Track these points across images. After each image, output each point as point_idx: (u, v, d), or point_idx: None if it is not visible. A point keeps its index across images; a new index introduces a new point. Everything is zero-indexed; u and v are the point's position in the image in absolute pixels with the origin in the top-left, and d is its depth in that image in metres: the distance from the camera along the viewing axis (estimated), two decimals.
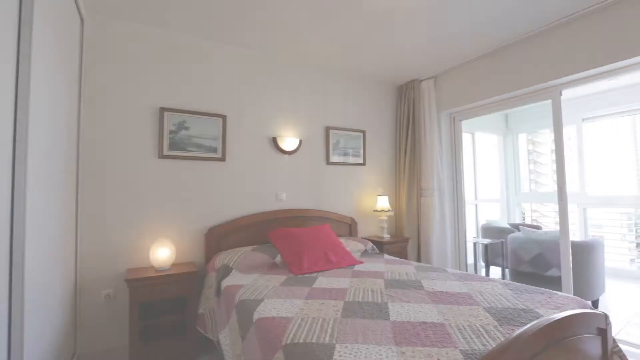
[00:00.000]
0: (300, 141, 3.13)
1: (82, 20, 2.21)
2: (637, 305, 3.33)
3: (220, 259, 2.38)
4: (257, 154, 2.95)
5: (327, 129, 3.35)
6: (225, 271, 2.27)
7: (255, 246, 2.63)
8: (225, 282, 2.15)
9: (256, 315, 1.59)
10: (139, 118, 2.45)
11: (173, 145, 2.54)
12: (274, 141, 3.01)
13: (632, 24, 2.20)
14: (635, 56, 2.19)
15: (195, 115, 2.63)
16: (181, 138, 2.57)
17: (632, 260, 4.42)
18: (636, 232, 4.46)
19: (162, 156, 2.49)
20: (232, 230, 2.73)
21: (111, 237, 2.33)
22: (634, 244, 4.46)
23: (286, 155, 3.10)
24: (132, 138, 2.42)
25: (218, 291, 2.17)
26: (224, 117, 2.75)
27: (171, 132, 2.53)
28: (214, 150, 2.71)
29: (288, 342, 1.30)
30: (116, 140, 2.37)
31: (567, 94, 2.77)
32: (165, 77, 2.56)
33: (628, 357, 1.98)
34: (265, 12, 2.34)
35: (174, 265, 2.42)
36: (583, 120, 4.66)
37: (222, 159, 2.74)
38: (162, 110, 2.50)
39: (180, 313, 2.31)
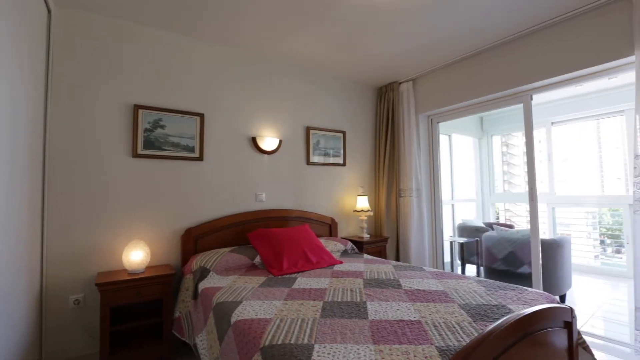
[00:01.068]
0: (280, 141, 3.11)
1: (49, 11, 2.11)
2: (600, 299, 3.52)
3: (198, 261, 2.33)
4: (236, 154, 2.90)
5: (308, 129, 3.34)
6: (203, 273, 2.22)
7: (233, 247, 2.59)
8: (203, 285, 2.10)
9: (234, 318, 1.57)
10: (112, 115, 2.36)
11: (148, 144, 2.46)
12: (254, 141, 2.98)
13: (596, 36, 2.33)
14: (598, 64, 2.33)
15: (171, 114, 2.56)
16: (157, 137, 2.49)
17: (596, 257, 4.68)
18: (600, 230, 4.73)
19: (136, 155, 2.41)
20: (210, 231, 2.67)
21: (81, 239, 2.23)
22: (598, 241, 4.73)
23: (266, 155, 3.07)
24: (104, 136, 2.33)
25: (195, 294, 2.12)
26: (201, 115, 2.69)
27: (146, 130, 2.45)
28: (191, 149, 2.65)
29: (266, 343, 1.29)
30: (87, 138, 2.27)
31: (537, 98, 2.90)
32: (140, 74, 2.47)
33: (592, 348, 2.09)
34: (246, 9, 2.31)
35: (148, 267, 2.34)
36: (552, 124, 4.90)
37: (200, 158, 2.68)
38: (137, 107, 2.41)
39: (156, 317, 2.24)
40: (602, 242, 4.71)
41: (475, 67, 3.11)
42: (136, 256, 2.20)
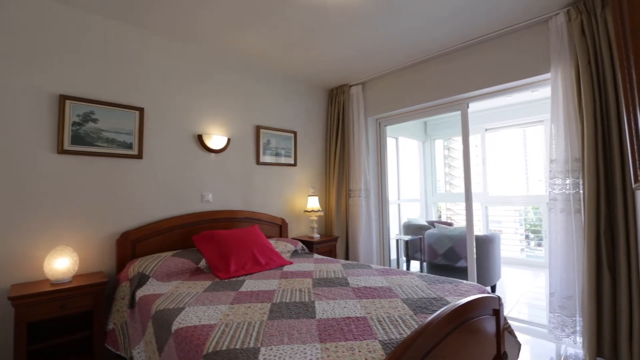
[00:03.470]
0: (229, 140, 3.01)
1: None
2: (524, 287, 3.94)
3: (135, 267, 2.15)
4: (180, 152, 2.74)
5: (258, 128, 3.27)
6: (141, 280, 2.06)
7: (177, 251, 2.44)
8: (141, 292, 1.95)
9: (175, 326, 1.47)
10: (31, 106, 2.08)
11: (77, 140, 2.22)
12: (200, 139, 2.84)
13: (519, 54, 2.61)
14: (521, 79, 2.61)
15: (105, 107, 2.33)
16: (87, 131, 2.26)
17: (522, 250, 5.24)
18: (525, 226, 5.30)
19: (62, 151, 2.15)
20: (151, 234, 2.49)
21: None
22: (523, 236, 5.30)
23: (213, 154, 2.94)
24: (22, 129, 2.04)
25: (132, 302, 1.96)
26: (141, 110, 2.49)
27: (75, 124, 2.21)
28: (129, 146, 2.44)
29: (210, 350, 1.23)
30: None
31: (473, 107, 3.16)
32: (68, 60, 2.21)
33: (516, 331, 2.32)
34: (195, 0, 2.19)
35: (76, 276, 2.11)
36: (486, 130, 5.39)
37: (139, 156, 2.48)
38: (63, 98, 2.16)
39: (86, 330, 2.02)
40: (526, 236, 5.29)
41: (419, 75, 3.29)
42: (61, 264, 1.97)
